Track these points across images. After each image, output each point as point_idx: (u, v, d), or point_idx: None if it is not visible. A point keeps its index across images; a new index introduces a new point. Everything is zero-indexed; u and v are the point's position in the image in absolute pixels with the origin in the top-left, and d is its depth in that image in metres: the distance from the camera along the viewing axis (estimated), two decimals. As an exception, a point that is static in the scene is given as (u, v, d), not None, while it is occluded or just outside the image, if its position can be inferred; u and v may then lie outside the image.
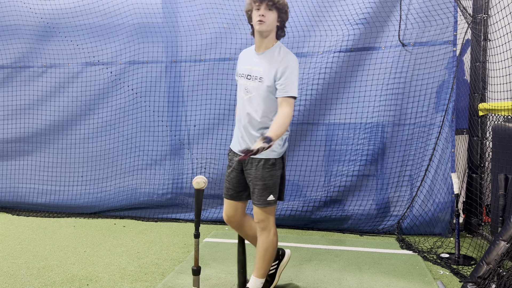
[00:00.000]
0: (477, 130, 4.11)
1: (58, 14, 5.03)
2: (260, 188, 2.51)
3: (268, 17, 2.41)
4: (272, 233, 2.59)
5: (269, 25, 2.44)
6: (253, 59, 2.57)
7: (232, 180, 2.67)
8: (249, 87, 2.54)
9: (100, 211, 4.98)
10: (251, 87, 2.53)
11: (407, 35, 4.20)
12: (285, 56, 2.48)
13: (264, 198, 2.52)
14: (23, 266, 3.33)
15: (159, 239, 4.06)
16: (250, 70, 2.55)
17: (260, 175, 2.50)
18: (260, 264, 2.62)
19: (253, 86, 2.52)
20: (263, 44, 2.52)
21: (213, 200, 4.74)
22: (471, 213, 4.15)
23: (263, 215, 2.55)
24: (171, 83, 4.83)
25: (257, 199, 2.54)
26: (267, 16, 2.41)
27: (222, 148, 4.68)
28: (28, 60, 5.18)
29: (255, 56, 2.57)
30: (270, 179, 2.52)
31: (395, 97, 4.22)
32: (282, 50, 2.52)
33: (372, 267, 3.33)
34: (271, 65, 2.48)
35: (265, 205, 2.53)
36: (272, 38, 2.52)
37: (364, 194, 4.34)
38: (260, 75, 2.50)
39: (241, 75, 2.60)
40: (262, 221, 2.57)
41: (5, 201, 5.23)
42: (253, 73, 2.53)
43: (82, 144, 5.05)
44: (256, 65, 2.53)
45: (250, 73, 2.55)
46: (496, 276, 2.46)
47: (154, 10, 4.81)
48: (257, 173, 2.51)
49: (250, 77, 2.54)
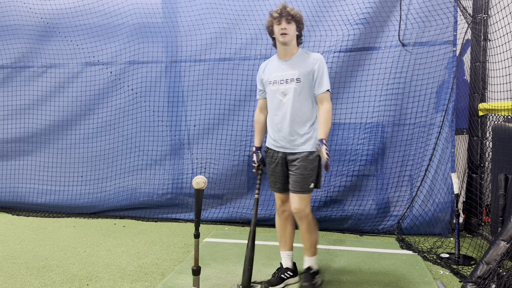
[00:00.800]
0: (477, 130, 4.11)
1: (58, 14, 5.03)
2: (304, 177, 2.79)
3: (289, 29, 2.78)
4: (310, 216, 2.87)
5: (291, 36, 2.81)
6: (281, 66, 2.88)
7: (278, 174, 2.95)
8: (286, 90, 2.83)
9: (100, 211, 4.99)
10: (288, 89, 2.82)
11: (407, 35, 4.20)
12: (314, 56, 2.84)
13: (307, 186, 2.80)
14: (23, 266, 3.33)
15: (159, 239, 4.06)
16: (282, 75, 2.86)
17: (305, 165, 2.79)
18: (308, 245, 2.93)
19: (290, 88, 2.81)
20: (288, 52, 2.86)
21: (213, 200, 4.75)
22: (471, 213, 4.15)
23: (303, 202, 2.82)
24: (171, 83, 4.83)
25: (300, 187, 2.80)
26: (288, 28, 2.77)
27: (222, 148, 4.68)
28: (28, 60, 5.18)
29: (283, 63, 2.88)
30: (312, 169, 2.81)
31: (395, 97, 4.22)
32: (308, 53, 2.89)
33: (372, 267, 3.33)
34: (305, 66, 2.81)
35: (307, 192, 2.82)
36: (294, 46, 2.87)
37: (364, 194, 4.34)
38: (297, 77, 2.81)
39: (273, 82, 2.89)
40: (301, 208, 2.82)
41: (5, 201, 5.23)
42: (286, 77, 2.84)
43: (82, 144, 5.05)
44: (288, 70, 2.84)
45: (283, 78, 2.85)
46: (496, 276, 2.46)
47: (154, 10, 4.81)
48: (302, 164, 2.80)
49: (283, 82, 2.85)
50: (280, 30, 2.77)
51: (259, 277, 3.10)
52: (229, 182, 4.67)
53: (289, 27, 2.77)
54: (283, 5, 2.80)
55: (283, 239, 3.06)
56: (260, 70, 3.03)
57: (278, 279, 2.99)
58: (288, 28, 2.77)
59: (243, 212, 4.59)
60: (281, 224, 3.05)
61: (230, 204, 4.68)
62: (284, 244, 3.07)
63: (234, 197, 4.69)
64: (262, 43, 4.54)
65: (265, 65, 3.02)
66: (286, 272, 3.03)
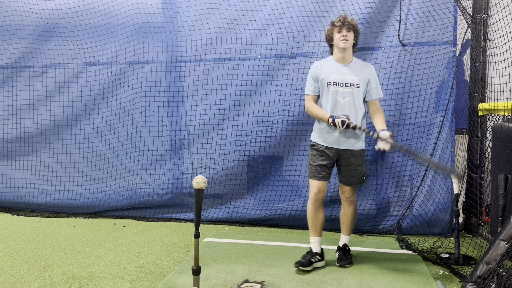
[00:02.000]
0: (477, 130, 4.11)
1: (58, 14, 5.03)
2: (360, 171, 3.33)
3: (349, 37, 3.18)
4: (356, 203, 3.51)
5: (350, 43, 3.20)
6: (341, 69, 3.24)
7: (327, 166, 3.31)
8: (344, 93, 3.20)
9: (100, 211, 4.99)
10: (347, 92, 3.20)
11: (407, 35, 4.20)
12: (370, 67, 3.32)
13: (362, 179, 3.37)
14: (23, 266, 3.33)
15: (159, 239, 4.07)
16: (343, 78, 3.21)
17: (359, 162, 3.31)
18: (350, 226, 3.48)
19: (349, 92, 3.20)
20: (346, 58, 3.25)
21: (213, 200, 4.75)
22: (471, 213, 4.16)
23: (355, 191, 3.43)
24: (171, 83, 4.83)
25: (357, 180, 3.35)
26: (348, 35, 3.17)
27: (222, 148, 4.68)
28: (28, 60, 5.18)
29: (342, 67, 3.25)
30: (363, 164, 3.37)
31: (395, 97, 4.23)
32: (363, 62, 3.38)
33: (372, 267, 3.33)
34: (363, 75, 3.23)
35: (360, 183, 3.42)
36: (350, 53, 3.26)
37: (364, 194, 4.34)
38: (356, 83, 3.20)
39: (333, 83, 3.23)
40: (353, 196, 3.42)
41: (5, 201, 5.23)
42: (347, 81, 3.21)
43: (82, 144, 5.05)
44: (348, 74, 3.22)
45: (343, 81, 3.21)
46: (496, 276, 2.46)
47: (154, 10, 4.81)
48: (357, 160, 3.30)
49: (342, 85, 3.21)
50: (341, 37, 3.15)
51: (259, 277, 3.10)
52: (229, 182, 4.67)
53: (349, 34, 3.17)
54: (345, 16, 3.20)
55: (313, 226, 3.37)
56: (315, 68, 3.31)
57: (307, 261, 3.25)
58: (348, 35, 3.16)
59: (243, 212, 4.60)
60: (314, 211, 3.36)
61: (230, 204, 4.69)
62: (315, 230, 3.37)
63: (234, 197, 4.69)
64: (262, 43, 4.54)
65: (321, 64, 3.31)
66: (315, 256, 3.31)
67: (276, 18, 4.49)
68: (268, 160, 4.60)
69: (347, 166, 3.30)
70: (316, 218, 3.34)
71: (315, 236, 3.37)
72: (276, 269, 3.26)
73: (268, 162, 4.61)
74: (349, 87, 3.20)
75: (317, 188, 3.30)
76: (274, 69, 4.50)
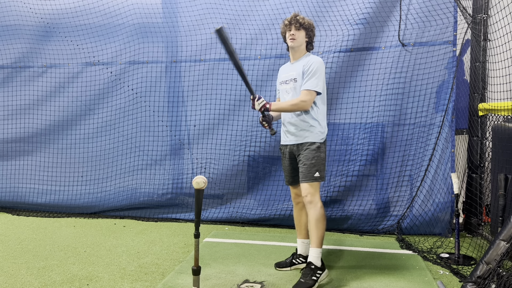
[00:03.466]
0: (477, 130, 4.11)
1: (58, 14, 5.04)
2: (308, 166, 2.99)
3: (298, 35, 3.05)
4: (319, 205, 2.99)
5: (299, 42, 3.07)
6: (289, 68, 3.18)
7: (287, 168, 3.22)
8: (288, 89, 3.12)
9: (100, 211, 4.99)
10: (289, 88, 3.10)
11: (407, 35, 4.20)
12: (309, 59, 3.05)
13: (312, 175, 2.99)
14: (23, 266, 3.33)
15: (159, 239, 4.07)
16: (287, 76, 3.15)
17: (307, 155, 3.01)
18: (314, 235, 2.99)
19: (291, 88, 3.09)
20: (296, 56, 3.13)
21: (213, 200, 4.75)
22: (471, 213, 4.15)
23: (311, 189, 2.99)
24: (171, 83, 4.83)
25: (305, 175, 3.00)
26: (296, 34, 3.05)
27: (222, 148, 4.68)
28: (28, 60, 5.18)
29: (290, 65, 3.17)
30: (316, 159, 3.00)
31: (395, 97, 4.23)
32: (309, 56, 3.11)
33: (372, 267, 3.33)
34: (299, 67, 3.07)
35: (312, 180, 2.99)
36: (302, 51, 3.13)
37: (364, 194, 4.34)
38: (294, 77, 3.08)
39: (281, 82, 3.20)
40: (310, 194, 2.98)
41: (5, 201, 5.23)
42: (288, 78, 3.13)
43: (82, 144, 5.06)
44: (291, 71, 3.12)
45: (287, 78, 3.14)
46: (496, 276, 2.46)
47: (154, 10, 4.82)
48: (305, 154, 3.02)
49: (287, 82, 3.13)
50: (289, 36, 3.07)
51: (259, 277, 3.10)
52: (229, 182, 4.67)
53: (298, 33, 3.05)
54: (294, 14, 3.09)
55: (297, 228, 3.32)
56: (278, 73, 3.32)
57: (288, 262, 3.27)
58: (297, 34, 3.05)
59: (243, 212, 4.60)
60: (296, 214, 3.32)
61: (230, 204, 4.69)
62: (299, 232, 3.31)
63: (234, 197, 4.70)
64: (262, 43, 4.54)
65: (281, 69, 3.31)
66: (298, 258, 3.29)
67: (276, 18, 4.49)
68: (268, 160, 4.60)
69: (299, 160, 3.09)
70: (300, 221, 3.28)
71: (300, 238, 3.32)
72: (276, 269, 3.26)
73: (268, 162, 4.61)
74: (290, 82, 3.11)
75: (292, 193, 3.29)
76: (274, 69, 4.50)
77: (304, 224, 3.26)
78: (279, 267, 3.26)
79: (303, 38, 3.08)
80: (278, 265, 3.28)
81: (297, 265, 3.27)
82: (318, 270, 2.95)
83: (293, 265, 3.27)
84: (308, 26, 3.08)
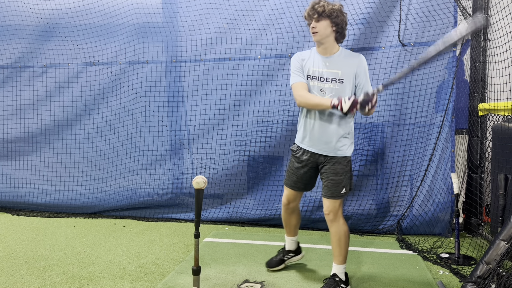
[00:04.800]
0: (477, 130, 4.11)
1: (58, 14, 5.03)
2: (335, 182, 2.76)
3: (319, 28, 2.68)
4: (341, 222, 2.81)
5: (322, 34, 2.70)
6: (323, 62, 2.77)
7: (304, 175, 2.92)
8: (325, 89, 2.74)
9: (100, 211, 4.99)
10: (328, 88, 2.73)
11: (407, 35, 4.20)
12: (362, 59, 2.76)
13: (338, 192, 2.76)
14: (23, 266, 3.33)
15: (159, 239, 4.07)
16: (322, 72, 2.75)
17: (336, 170, 2.76)
18: (337, 251, 2.83)
19: (331, 88, 2.73)
20: (327, 49, 2.76)
21: (213, 200, 4.75)
22: (471, 213, 4.15)
23: (335, 206, 2.78)
24: (171, 83, 4.83)
25: (331, 192, 2.77)
26: (317, 27, 2.69)
27: (222, 148, 4.68)
28: (28, 60, 5.18)
29: (324, 59, 2.77)
30: (344, 174, 2.78)
31: (395, 97, 4.23)
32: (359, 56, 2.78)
33: (372, 267, 3.33)
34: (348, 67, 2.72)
35: (339, 197, 2.78)
36: (332, 43, 2.75)
37: (364, 194, 4.34)
38: (339, 77, 2.72)
39: (312, 77, 2.77)
40: (333, 212, 2.79)
41: (5, 201, 5.23)
42: (327, 75, 2.73)
43: (82, 144, 5.05)
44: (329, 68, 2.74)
45: (323, 75, 2.74)
46: (496, 276, 2.46)
47: (154, 10, 4.81)
48: (334, 168, 2.77)
49: (323, 79, 2.74)
50: (311, 29, 2.73)
51: (259, 277, 3.10)
52: (229, 182, 4.67)
53: (319, 25, 2.68)
54: (311, 4, 2.72)
55: (287, 228, 3.22)
56: (298, 57, 2.84)
57: (278, 261, 3.23)
58: (318, 26, 2.69)
59: (243, 212, 4.60)
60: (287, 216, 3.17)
61: (230, 204, 4.69)
62: (289, 231, 3.23)
63: (234, 197, 4.70)
64: (262, 43, 4.54)
65: (304, 54, 2.86)
66: (287, 254, 3.25)
67: (276, 18, 4.49)
68: (268, 160, 4.60)
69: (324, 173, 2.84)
70: (289, 223, 3.17)
71: (289, 236, 3.24)
72: (268, 270, 3.26)
73: (268, 162, 4.61)
74: (330, 82, 2.72)
75: (286, 195, 3.08)
76: (274, 69, 4.50)
77: (294, 225, 3.18)
78: (270, 267, 3.22)
79: (327, 29, 2.68)
80: (269, 265, 3.23)
81: (289, 259, 3.26)
82: (342, 284, 2.83)
83: (283, 263, 3.24)
84: (330, 13, 2.65)
